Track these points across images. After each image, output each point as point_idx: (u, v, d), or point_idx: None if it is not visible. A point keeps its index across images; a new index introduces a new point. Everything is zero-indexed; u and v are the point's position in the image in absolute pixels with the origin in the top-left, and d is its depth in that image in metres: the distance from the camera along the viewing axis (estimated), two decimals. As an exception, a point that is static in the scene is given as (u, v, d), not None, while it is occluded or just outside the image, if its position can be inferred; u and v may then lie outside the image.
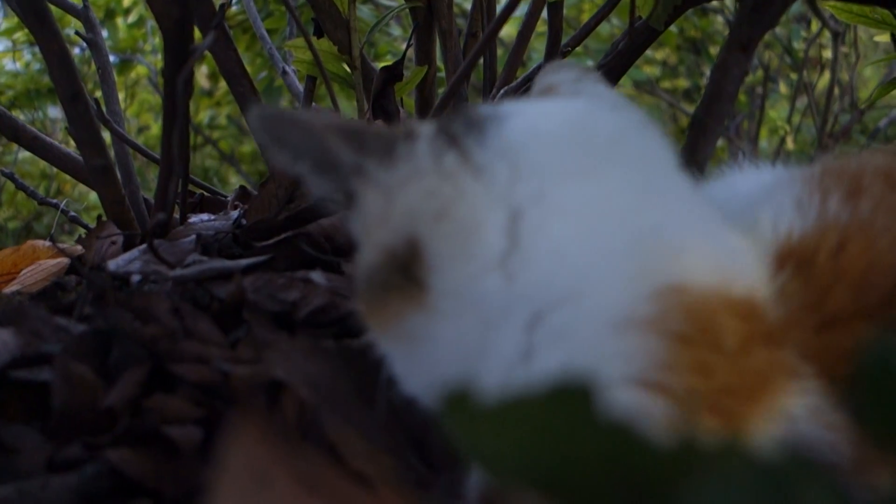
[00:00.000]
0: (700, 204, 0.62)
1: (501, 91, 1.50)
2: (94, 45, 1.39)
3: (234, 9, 2.62)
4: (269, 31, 1.94)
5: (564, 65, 0.81)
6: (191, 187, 1.44)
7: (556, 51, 1.77)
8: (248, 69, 1.32)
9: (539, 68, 1.76)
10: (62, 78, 1.07)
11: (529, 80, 1.74)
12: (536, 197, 0.58)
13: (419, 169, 0.60)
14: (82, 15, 1.45)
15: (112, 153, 1.30)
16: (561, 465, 0.33)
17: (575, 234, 0.56)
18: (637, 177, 0.61)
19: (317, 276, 1.06)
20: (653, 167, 0.63)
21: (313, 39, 1.40)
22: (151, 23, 3.44)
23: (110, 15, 3.65)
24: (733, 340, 0.50)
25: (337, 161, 0.61)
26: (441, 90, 1.69)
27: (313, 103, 1.54)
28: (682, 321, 0.51)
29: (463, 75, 1.22)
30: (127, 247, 1.17)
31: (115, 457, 0.69)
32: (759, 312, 0.54)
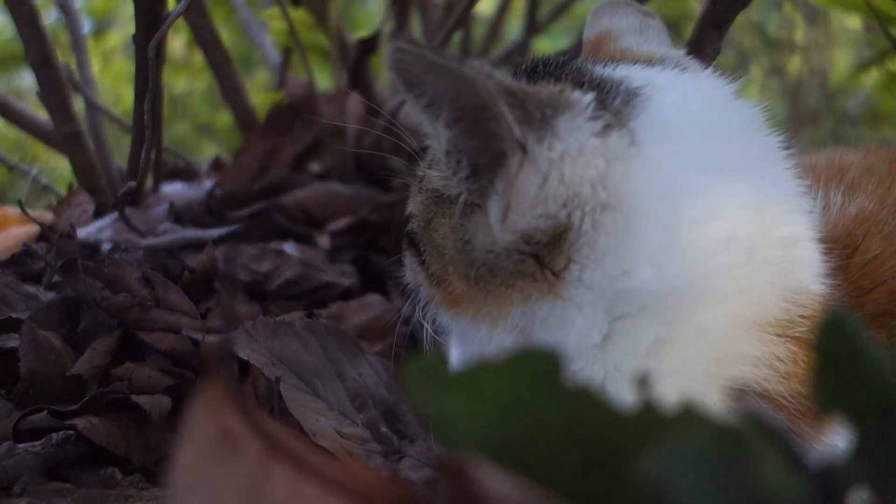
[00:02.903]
0: (805, 205, 0.60)
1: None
2: (65, 8, 1.36)
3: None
4: (247, 1, 1.92)
5: (623, 6, 0.73)
6: (165, 156, 1.42)
7: (533, 27, 1.76)
8: (229, 38, 1.31)
9: (516, 46, 1.76)
10: (32, 42, 1.05)
11: (509, 55, 1.73)
12: (696, 190, 0.54)
13: (584, 148, 0.53)
14: (53, -22, 1.42)
15: (85, 120, 1.29)
16: (522, 431, 0.33)
17: (725, 235, 0.53)
18: (769, 176, 0.58)
19: (289, 247, 1.06)
20: (776, 165, 0.60)
21: (290, 9, 1.39)
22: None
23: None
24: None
25: (495, 129, 0.53)
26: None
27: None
28: (805, 329, 0.53)
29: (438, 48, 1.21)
30: (98, 215, 1.16)
31: (81, 424, 0.69)
32: None
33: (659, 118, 0.56)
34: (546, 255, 0.54)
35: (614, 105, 0.55)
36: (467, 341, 0.61)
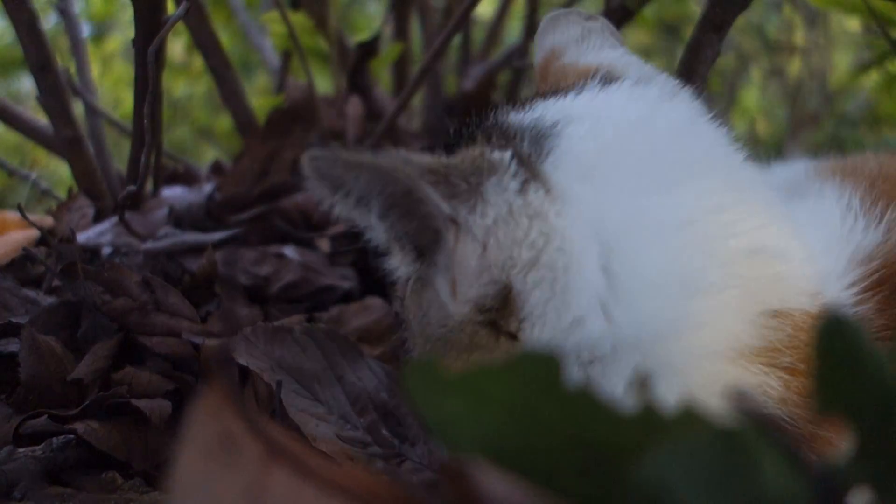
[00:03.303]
0: (777, 204, 0.57)
1: (479, 68, 1.50)
2: (64, 12, 1.36)
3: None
4: (247, 5, 1.92)
5: (563, 19, 0.71)
6: (165, 160, 1.43)
7: (533, 30, 1.76)
8: (228, 42, 1.31)
9: (515, 49, 1.76)
10: (31, 46, 1.05)
11: (508, 58, 1.74)
12: (624, 222, 0.52)
13: (511, 208, 0.52)
14: (53, -17, 1.42)
15: (85, 124, 1.29)
16: (522, 434, 0.33)
17: (671, 260, 0.51)
18: (716, 182, 0.55)
19: (289, 251, 1.06)
20: (726, 166, 0.57)
21: (289, 12, 1.39)
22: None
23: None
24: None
25: (426, 210, 0.53)
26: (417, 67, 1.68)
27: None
28: (790, 352, 0.49)
29: (438, 52, 1.22)
30: (98, 219, 1.16)
31: (82, 429, 0.69)
32: None
33: (571, 155, 0.54)
34: (500, 320, 0.53)
35: (526, 154, 0.54)
36: None
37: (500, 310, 0.52)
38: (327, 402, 0.74)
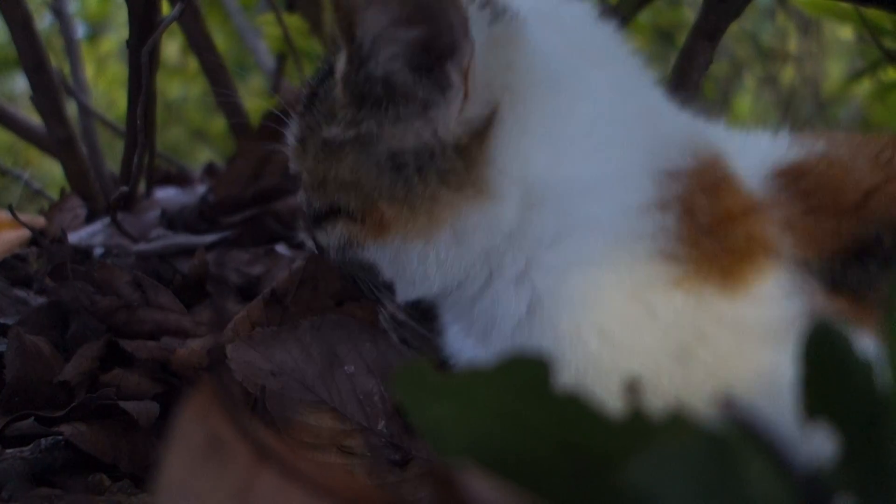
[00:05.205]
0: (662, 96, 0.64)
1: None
2: (59, 12, 1.36)
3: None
4: (243, 7, 1.92)
5: None
6: (158, 162, 1.42)
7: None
8: (223, 44, 1.31)
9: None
10: (25, 46, 1.05)
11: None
12: (572, 76, 0.58)
13: (489, 37, 0.56)
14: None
15: (78, 125, 1.28)
16: (511, 438, 0.33)
17: (596, 114, 0.57)
18: (622, 67, 0.61)
19: (281, 248, 1.06)
20: (623, 57, 0.63)
21: (284, 15, 1.39)
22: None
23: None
24: (711, 217, 0.54)
25: (451, 16, 0.55)
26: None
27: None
28: (683, 202, 0.54)
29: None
30: (90, 220, 1.16)
31: (69, 431, 0.69)
32: (737, 192, 0.56)
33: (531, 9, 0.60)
34: (476, 150, 0.56)
35: None
36: (401, 269, 0.61)
37: (479, 136, 0.56)
38: (332, 401, 0.73)
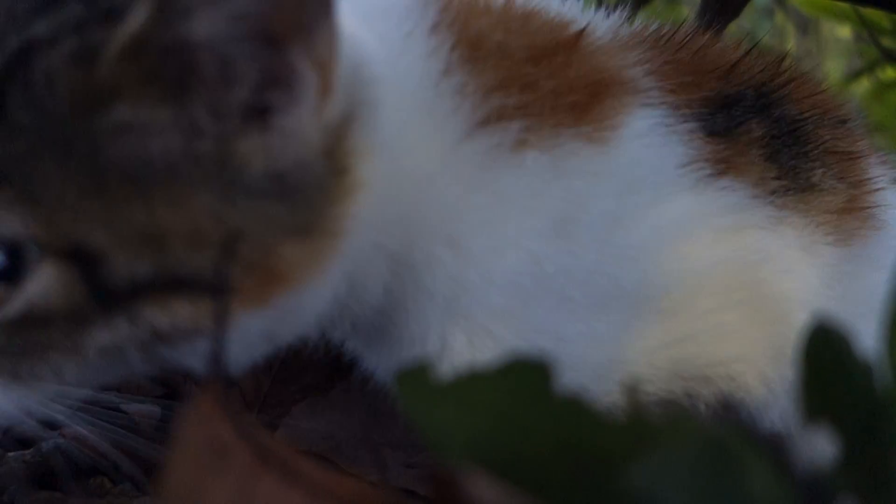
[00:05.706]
0: None
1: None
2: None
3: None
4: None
5: None
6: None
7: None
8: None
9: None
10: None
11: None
12: None
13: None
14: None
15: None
16: (512, 440, 0.34)
17: None
18: None
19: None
20: None
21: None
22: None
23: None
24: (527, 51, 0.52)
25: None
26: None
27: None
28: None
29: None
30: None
31: (70, 434, 0.69)
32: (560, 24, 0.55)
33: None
34: (340, 147, 0.47)
35: None
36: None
37: (344, 128, 0.47)
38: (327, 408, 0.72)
